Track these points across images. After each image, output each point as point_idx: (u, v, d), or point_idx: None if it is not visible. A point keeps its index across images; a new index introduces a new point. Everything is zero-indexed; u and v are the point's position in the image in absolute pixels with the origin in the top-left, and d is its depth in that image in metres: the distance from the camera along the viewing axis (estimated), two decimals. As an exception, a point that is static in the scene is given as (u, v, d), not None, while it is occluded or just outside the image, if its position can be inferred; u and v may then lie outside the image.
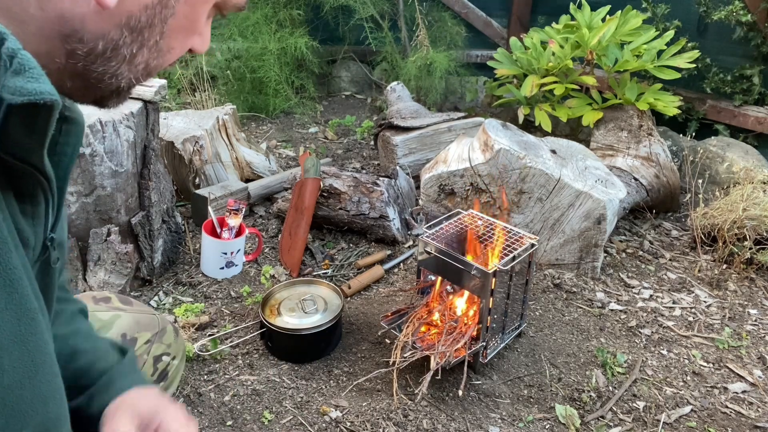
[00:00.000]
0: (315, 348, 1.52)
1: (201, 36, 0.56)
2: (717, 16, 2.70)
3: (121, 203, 1.62)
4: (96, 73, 0.49)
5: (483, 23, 3.63)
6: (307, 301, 1.55)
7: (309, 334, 1.47)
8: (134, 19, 0.47)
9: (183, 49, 0.53)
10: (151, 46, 0.49)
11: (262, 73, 3.09)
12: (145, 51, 0.49)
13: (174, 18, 0.49)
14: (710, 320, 1.79)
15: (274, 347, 1.52)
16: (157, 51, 0.50)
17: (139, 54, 0.49)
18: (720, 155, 2.53)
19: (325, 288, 1.63)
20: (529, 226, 1.91)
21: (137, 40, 0.48)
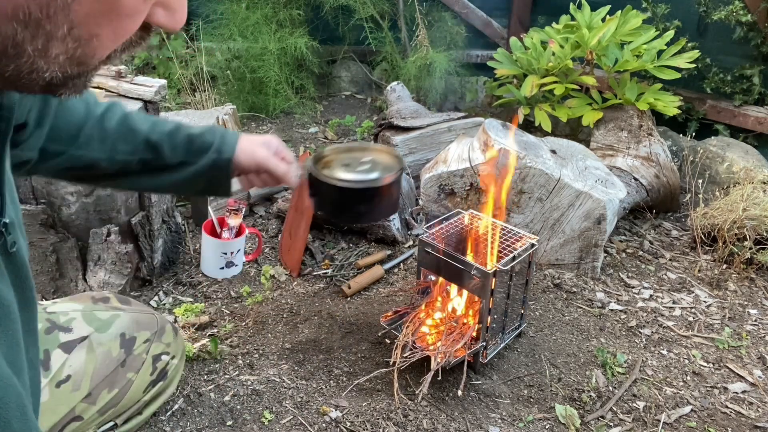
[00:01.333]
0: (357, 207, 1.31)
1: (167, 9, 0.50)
2: (717, 16, 2.70)
3: (120, 203, 1.61)
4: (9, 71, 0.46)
5: (483, 23, 3.63)
6: (364, 161, 1.36)
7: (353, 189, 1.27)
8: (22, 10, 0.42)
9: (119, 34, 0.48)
10: (63, 36, 0.45)
11: (262, 73, 3.08)
12: (57, 43, 0.45)
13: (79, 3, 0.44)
14: (710, 320, 1.79)
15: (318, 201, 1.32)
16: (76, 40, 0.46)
17: (51, 47, 0.45)
18: (720, 155, 2.53)
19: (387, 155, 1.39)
20: (529, 226, 1.91)
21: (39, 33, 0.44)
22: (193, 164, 1.02)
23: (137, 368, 1.07)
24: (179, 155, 1.01)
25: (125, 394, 1.05)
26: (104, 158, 0.97)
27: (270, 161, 1.08)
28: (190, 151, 1.02)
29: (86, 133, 0.95)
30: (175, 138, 1.02)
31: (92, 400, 1.00)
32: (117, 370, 1.03)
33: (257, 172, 1.09)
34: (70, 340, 1.01)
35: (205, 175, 1.03)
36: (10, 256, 0.58)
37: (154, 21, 0.50)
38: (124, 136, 0.98)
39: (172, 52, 3.07)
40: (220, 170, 1.03)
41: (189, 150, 1.02)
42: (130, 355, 1.06)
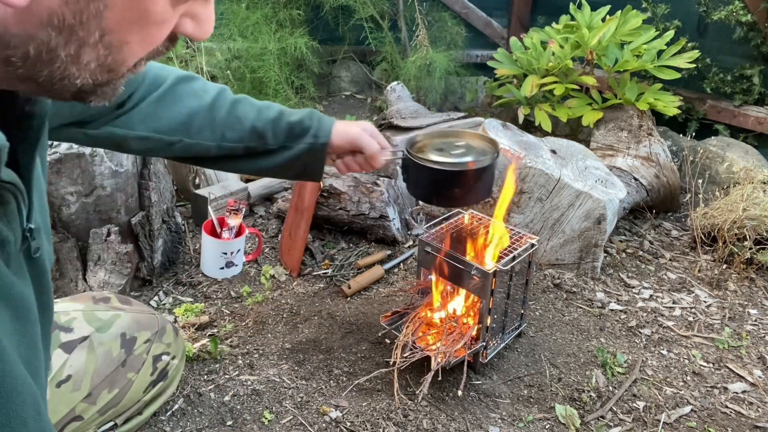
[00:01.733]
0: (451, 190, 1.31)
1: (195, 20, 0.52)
2: (717, 16, 2.70)
3: (121, 203, 1.62)
4: (42, 76, 0.47)
5: (483, 23, 3.63)
6: (458, 145, 1.36)
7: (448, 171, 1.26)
8: (57, 17, 0.44)
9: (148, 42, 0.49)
10: (94, 43, 0.46)
11: (262, 73, 3.08)
12: (88, 50, 0.46)
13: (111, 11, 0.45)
14: (710, 320, 1.79)
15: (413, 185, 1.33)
16: (107, 47, 0.47)
17: (83, 53, 0.46)
18: (720, 155, 2.53)
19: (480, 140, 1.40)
20: (529, 226, 1.91)
21: (72, 39, 0.45)
22: (291, 149, 1.08)
23: (137, 368, 1.07)
24: (280, 141, 1.07)
25: (125, 394, 1.05)
26: (214, 146, 1.04)
27: (363, 137, 1.13)
28: (290, 137, 1.08)
29: (198, 123, 1.03)
30: (278, 124, 1.07)
31: (92, 400, 1.00)
32: (117, 370, 1.03)
33: (352, 152, 1.15)
34: (71, 340, 1.01)
35: (302, 159, 1.09)
36: (34, 261, 0.59)
37: (181, 31, 0.52)
38: (232, 124, 1.05)
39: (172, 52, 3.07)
40: (316, 154, 1.10)
41: (289, 135, 1.08)
42: (130, 355, 1.06)
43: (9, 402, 0.47)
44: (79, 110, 0.91)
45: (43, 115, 0.58)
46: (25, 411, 0.49)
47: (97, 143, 0.99)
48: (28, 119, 0.56)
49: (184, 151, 1.03)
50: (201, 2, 0.51)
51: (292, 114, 1.09)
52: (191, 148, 1.03)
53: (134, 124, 0.98)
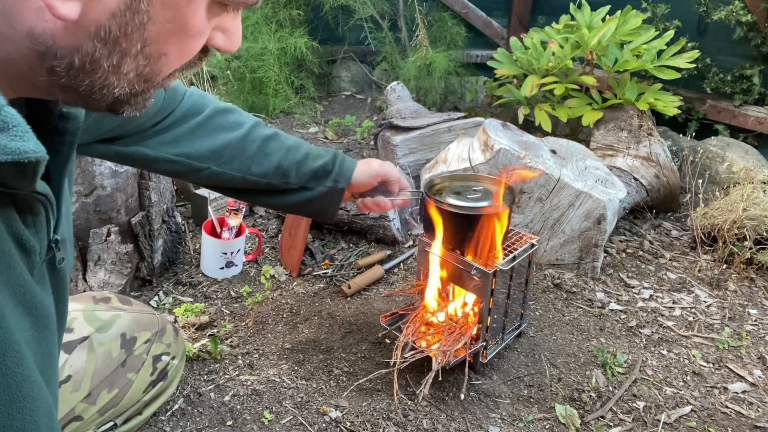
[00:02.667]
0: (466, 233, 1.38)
1: (225, 33, 0.54)
2: (717, 16, 2.70)
3: (121, 203, 1.61)
4: (83, 86, 0.48)
5: (483, 23, 3.64)
6: (474, 189, 1.43)
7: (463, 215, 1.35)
8: (104, 29, 0.45)
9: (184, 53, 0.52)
10: (135, 54, 0.48)
11: (261, 73, 3.09)
12: (129, 60, 0.48)
13: (153, 23, 0.47)
14: (710, 320, 1.79)
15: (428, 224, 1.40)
16: (146, 58, 0.49)
17: (124, 64, 0.48)
18: (720, 155, 2.53)
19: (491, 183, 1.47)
20: (529, 226, 1.91)
21: (116, 50, 0.47)
22: (311, 190, 1.13)
23: (137, 368, 1.07)
24: (302, 181, 1.12)
25: (125, 394, 1.05)
26: (239, 177, 1.08)
27: (385, 166, 1.22)
28: (312, 179, 1.13)
29: (229, 154, 1.06)
30: (302, 166, 1.12)
31: (92, 401, 1.00)
32: (117, 370, 1.03)
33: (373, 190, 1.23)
34: (71, 341, 1.01)
35: (320, 200, 1.14)
36: (56, 271, 0.60)
37: (213, 44, 0.54)
38: (260, 160, 1.09)
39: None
40: (333, 197, 1.15)
41: (311, 177, 1.13)
42: (130, 356, 1.06)
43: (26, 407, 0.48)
44: (115, 124, 0.92)
45: (76, 132, 0.59)
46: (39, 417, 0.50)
47: (126, 161, 1.01)
48: (61, 135, 0.58)
49: (210, 179, 1.07)
50: (231, 15, 0.53)
51: (317, 157, 1.14)
52: (217, 177, 1.06)
53: (166, 146, 1.01)
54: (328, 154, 1.16)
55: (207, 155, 1.04)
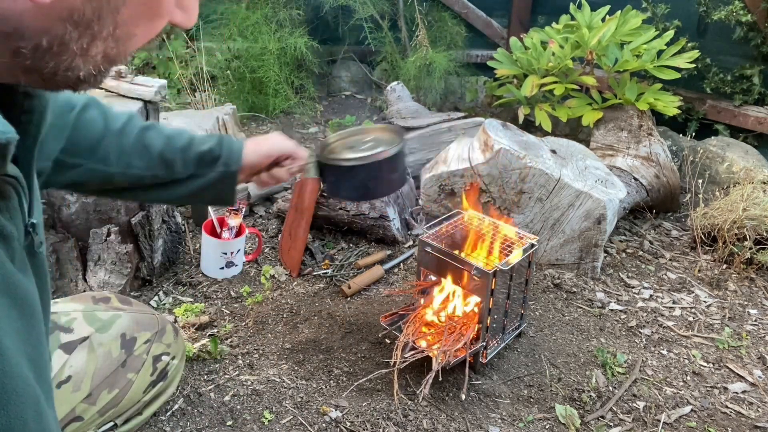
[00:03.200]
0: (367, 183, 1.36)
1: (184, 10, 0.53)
2: (717, 16, 2.70)
3: (120, 203, 1.61)
4: (48, 68, 0.47)
5: (483, 23, 3.63)
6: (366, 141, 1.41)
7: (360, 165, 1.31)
8: (77, 13, 0.44)
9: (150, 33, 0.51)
10: (105, 37, 0.47)
11: (261, 73, 3.08)
12: (99, 43, 0.47)
13: (126, 6, 0.46)
14: (710, 320, 1.79)
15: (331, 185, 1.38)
16: (115, 40, 0.48)
17: (93, 47, 0.47)
18: (720, 155, 2.53)
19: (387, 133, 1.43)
20: (529, 226, 1.91)
21: (86, 33, 0.46)
22: (202, 177, 1.07)
23: (137, 369, 1.07)
24: (189, 170, 1.06)
25: (125, 394, 1.05)
26: (119, 172, 1.00)
27: (278, 144, 1.16)
28: (200, 166, 1.07)
29: (104, 148, 0.99)
30: (187, 153, 1.06)
31: (92, 401, 1.00)
32: (117, 370, 1.03)
33: (268, 167, 1.16)
34: (71, 341, 1.01)
35: (213, 187, 1.08)
36: (36, 257, 0.59)
37: (172, 20, 0.53)
38: (139, 152, 1.02)
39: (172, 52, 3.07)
40: (227, 182, 1.09)
41: (199, 164, 1.07)
42: (130, 356, 1.06)
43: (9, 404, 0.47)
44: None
45: (42, 111, 0.59)
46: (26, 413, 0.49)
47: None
48: (27, 114, 0.57)
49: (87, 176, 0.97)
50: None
51: (202, 142, 1.09)
52: (95, 173, 0.98)
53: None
54: (213, 138, 1.11)
55: (80, 151, 0.96)
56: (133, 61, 3.42)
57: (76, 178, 0.97)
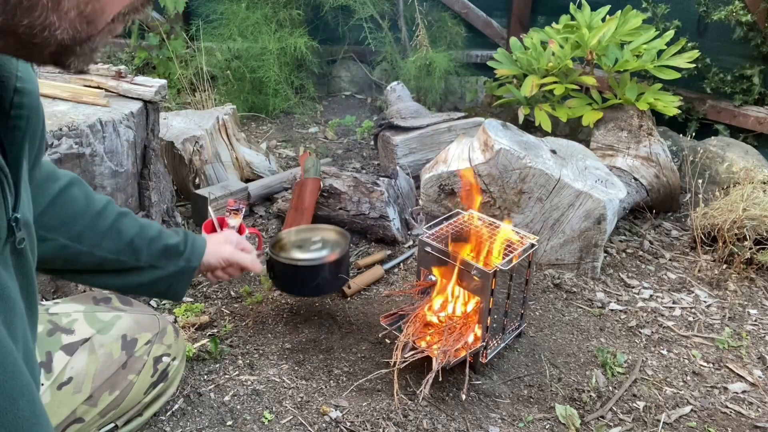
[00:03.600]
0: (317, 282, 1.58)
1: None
2: (717, 16, 2.70)
3: (121, 203, 1.61)
4: (23, 26, 0.45)
5: (483, 23, 3.64)
6: (315, 241, 1.64)
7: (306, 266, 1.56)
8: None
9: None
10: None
11: (261, 73, 3.08)
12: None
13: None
14: (710, 320, 1.79)
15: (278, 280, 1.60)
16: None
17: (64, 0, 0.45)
18: (720, 155, 2.53)
19: (334, 233, 1.69)
20: (529, 226, 1.91)
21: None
22: (161, 269, 1.12)
23: (138, 370, 1.07)
24: (152, 260, 1.11)
25: (126, 395, 1.05)
26: (87, 252, 1.03)
27: (236, 255, 1.27)
28: (163, 257, 1.12)
29: (80, 226, 1.01)
30: (154, 244, 1.11)
31: (93, 402, 1.00)
32: (118, 371, 1.03)
33: (224, 268, 1.27)
34: (72, 342, 1.01)
35: (169, 279, 1.14)
36: (18, 254, 0.59)
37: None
38: (112, 236, 1.06)
39: (172, 52, 3.07)
40: (184, 276, 1.16)
41: (162, 256, 1.12)
42: (131, 357, 1.06)
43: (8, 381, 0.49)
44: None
45: (33, 107, 0.58)
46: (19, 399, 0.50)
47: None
48: (18, 109, 0.57)
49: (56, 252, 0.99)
50: None
51: (170, 236, 1.14)
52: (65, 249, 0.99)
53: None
54: (180, 233, 1.17)
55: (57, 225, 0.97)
56: (134, 61, 3.42)
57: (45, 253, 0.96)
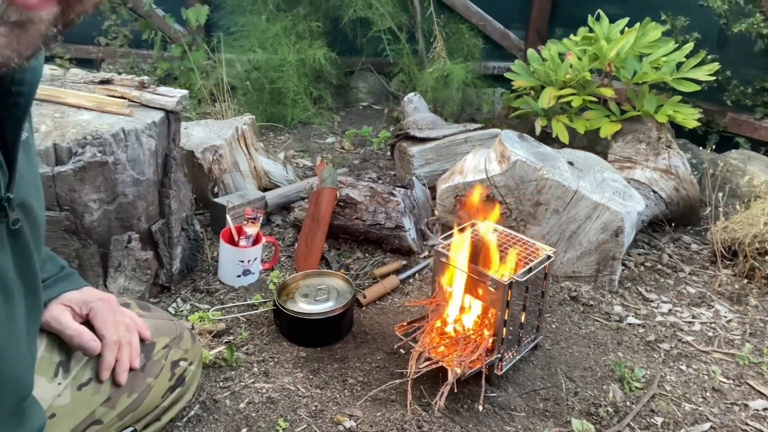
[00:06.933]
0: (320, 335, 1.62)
1: None
2: (737, 29, 2.68)
3: (141, 211, 1.64)
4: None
5: (500, 35, 3.65)
6: (321, 289, 1.67)
7: (316, 320, 1.58)
8: None
9: None
10: None
11: (280, 83, 3.12)
12: None
13: None
14: (730, 336, 1.76)
15: (284, 330, 1.64)
16: None
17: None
18: (741, 168, 2.49)
19: (340, 280, 1.73)
20: (546, 237, 1.90)
21: None
22: None
23: (156, 374, 1.08)
24: None
25: (144, 399, 1.06)
26: None
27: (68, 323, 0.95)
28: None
29: None
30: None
31: (112, 405, 1.02)
32: (136, 374, 1.05)
33: None
34: (91, 345, 1.03)
35: None
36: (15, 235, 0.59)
37: None
38: None
39: (194, 63, 3.13)
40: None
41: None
42: (149, 360, 1.08)
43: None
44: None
45: (30, 92, 0.59)
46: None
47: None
48: (14, 96, 0.58)
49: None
50: None
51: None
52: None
53: None
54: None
55: None
56: (156, 72, 3.49)
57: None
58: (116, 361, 0.98)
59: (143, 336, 1.04)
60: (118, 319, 0.99)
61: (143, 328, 1.04)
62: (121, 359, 0.99)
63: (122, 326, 1.00)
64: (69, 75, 1.82)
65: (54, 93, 1.67)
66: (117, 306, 1.01)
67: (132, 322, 1.03)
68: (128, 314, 1.04)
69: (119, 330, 0.99)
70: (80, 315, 0.97)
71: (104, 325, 0.97)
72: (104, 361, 0.97)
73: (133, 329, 1.02)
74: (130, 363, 1.00)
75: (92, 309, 0.97)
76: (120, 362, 0.99)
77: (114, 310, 1.00)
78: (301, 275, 1.73)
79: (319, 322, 1.58)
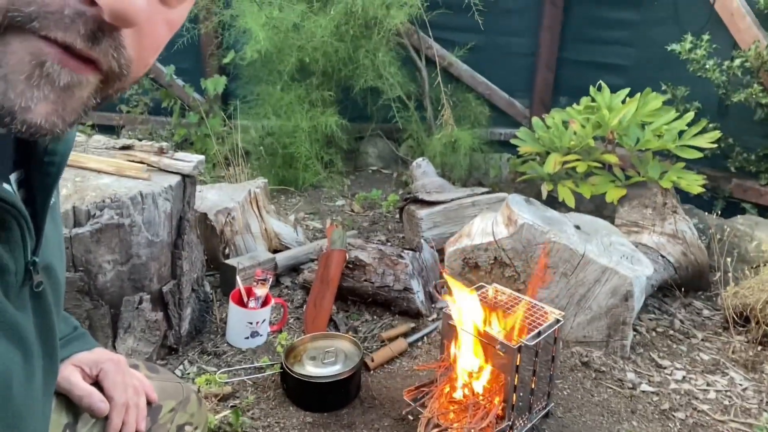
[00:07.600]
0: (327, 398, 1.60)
1: None
2: (737, 99, 2.76)
3: (154, 272, 1.67)
4: None
5: (506, 103, 3.77)
6: (328, 352, 1.66)
7: (323, 383, 1.57)
8: None
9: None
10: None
11: (293, 148, 3.22)
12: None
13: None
14: (747, 404, 1.71)
15: (291, 394, 1.62)
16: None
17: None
18: (748, 234, 2.50)
19: (347, 342, 1.72)
20: (555, 301, 1.89)
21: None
22: None
23: (161, 437, 1.07)
24: None
25: (148, 463, 1.04)
26: None
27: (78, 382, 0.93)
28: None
29: None
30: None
31: (116, 469, 1.00)
32: (142, 438, 1.04)
33: None
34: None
35: None
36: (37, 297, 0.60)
37: None
38: None
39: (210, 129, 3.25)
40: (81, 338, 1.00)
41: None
42: (155, 424, 1.07)
43: None
44: None
45: (62, 162, 0.61)
46: None
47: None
48: (47, 165, 0.60)
49: None
50: None
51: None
52: None
53: None
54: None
55: None
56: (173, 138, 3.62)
57: None
58: (123, 423, 0.98)
59: (150, 398, 1.04)
60: (127, 381, 1.00)
61: (150, 390, 1.05)
62: (128, 422, 0.98)
63: (131, 388, 1.00)
64: (92, 141, 1.91)
65: (76, 158, 1.74)
66: (126, 367, 1.02)
67: (140, 384, 1.03)
68: (137, 376, 1.04)
69: (128, 392, 0.99)
70: (90, 376, 0.98)
71: (113, 387, 0.97)
72: (111, 424, 0.96)
73: (141, 392, 1.02)
74: (136, 426, 0.99)
75: (102, 370, 0.98)
76: (127, 425, 0.98)
77: (123, 371, 1.00)
78: (309, 337, 1.73)
79: (327, 385, 1.56)
